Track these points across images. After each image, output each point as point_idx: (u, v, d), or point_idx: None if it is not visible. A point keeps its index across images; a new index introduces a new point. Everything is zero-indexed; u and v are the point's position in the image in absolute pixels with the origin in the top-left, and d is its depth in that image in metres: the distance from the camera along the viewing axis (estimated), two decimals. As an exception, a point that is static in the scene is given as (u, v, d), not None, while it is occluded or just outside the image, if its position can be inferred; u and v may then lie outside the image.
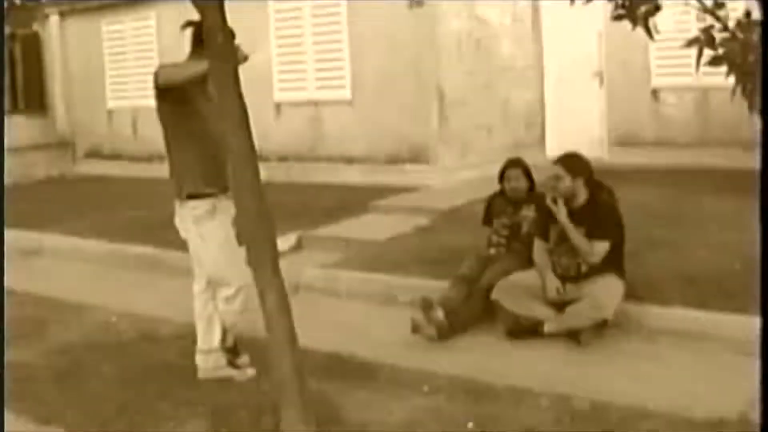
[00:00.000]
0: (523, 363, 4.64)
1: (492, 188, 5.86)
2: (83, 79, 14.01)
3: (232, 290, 4.43)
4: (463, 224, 7.14)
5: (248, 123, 3.31)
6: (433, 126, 9.87)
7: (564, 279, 4.99)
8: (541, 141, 11.04)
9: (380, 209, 8.57)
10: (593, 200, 5.02)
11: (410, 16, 8.47)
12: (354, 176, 10.35)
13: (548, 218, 5.09)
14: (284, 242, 7.06)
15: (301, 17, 10.88)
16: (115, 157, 13.53)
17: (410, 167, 10.01)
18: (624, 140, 10.62)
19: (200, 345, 4.57)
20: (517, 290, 5.04)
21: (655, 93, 10.53)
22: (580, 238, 4.89)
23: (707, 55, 3.11)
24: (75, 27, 14.11)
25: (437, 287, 5.45)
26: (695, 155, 9.63)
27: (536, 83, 11.17)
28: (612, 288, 4.90)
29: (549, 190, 5.08)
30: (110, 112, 13.67)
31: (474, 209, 6.51)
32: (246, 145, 3.33)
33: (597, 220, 4.91)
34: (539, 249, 5.16)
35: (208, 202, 4.38)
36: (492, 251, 5.61)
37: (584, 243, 4.89)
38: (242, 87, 3.30)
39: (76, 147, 14.38)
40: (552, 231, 5.09)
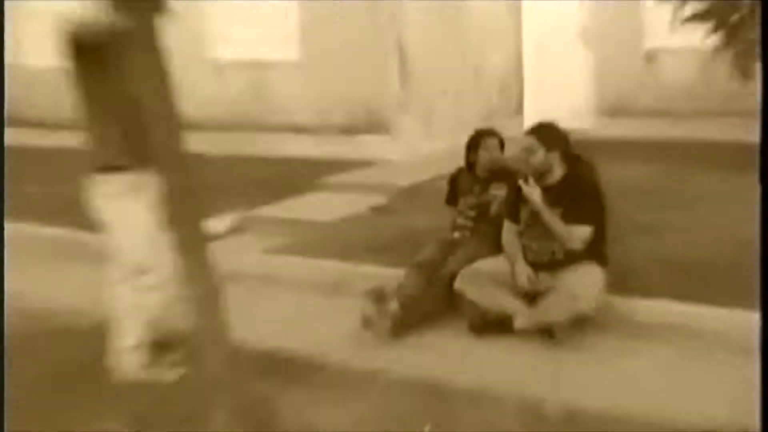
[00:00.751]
0: (489, 362, 4.68)
1: (460, 163, 5.89)
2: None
3: (156, 278, 4.44)
4: (425, 204, 7.19)
5: (170, 84, 3.31)
6: (393, 89, 9.88)
7: (536, 266, 5.01)
8: (519, 110, 11.09)
9: (331, 186, 8.59)
10: (571, 176, 5.04)
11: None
12: (302, 148, 10.29)
13: (518, 197, 5.10)
14: (220, 224, 7.08)
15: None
16: None
17: (367, 138, 10.03)
18: (614, 109, 10.72)
19: (118, 342, 4.57)
20: (484, 279, 5.04)
21: (649, 55, 10.63)
22: (558, 222, 4.89)
23: (691, 9, 3.13)
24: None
25: (394, 275, 5.47)
26: (693, 127, 9.74)
27: (513, 42, 11.20)
28: (592, 277, 4.91)
29: (520, 165, 5.12)
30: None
31: (438, 187, 6.54)
32: (169, 110, 3.33)
33: (575, 200, 4.91)
34: (509, 232, 5.17)
35: (128, 177, 4.37)
36: (456, 235, 5.64)
37: (562, 227, 4.89)
38: (169, 43, 3.29)
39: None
40: (523, 211, 5.10)
